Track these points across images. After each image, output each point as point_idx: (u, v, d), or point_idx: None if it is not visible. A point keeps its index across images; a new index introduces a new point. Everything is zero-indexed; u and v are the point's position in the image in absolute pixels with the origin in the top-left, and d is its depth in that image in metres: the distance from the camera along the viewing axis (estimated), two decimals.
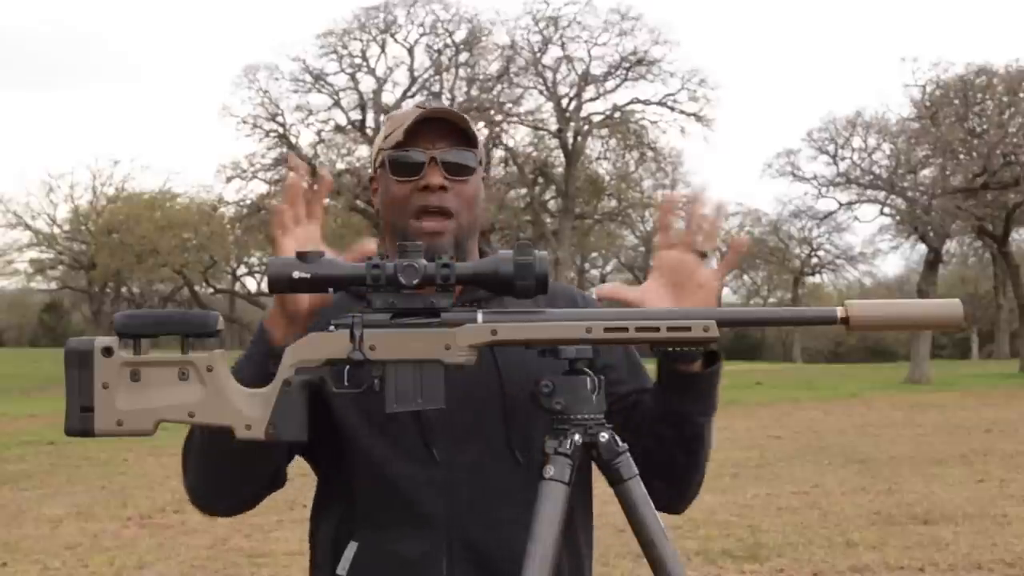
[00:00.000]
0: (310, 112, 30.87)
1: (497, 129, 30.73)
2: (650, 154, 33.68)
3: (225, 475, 1.62)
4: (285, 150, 31.07)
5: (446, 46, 30.77)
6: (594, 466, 1.57)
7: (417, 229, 1.68)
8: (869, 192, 31.21)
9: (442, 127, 1.71)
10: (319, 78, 30.70)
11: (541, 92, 31.71)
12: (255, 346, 1.54)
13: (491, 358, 1.65)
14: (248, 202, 32.29)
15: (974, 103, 29.20)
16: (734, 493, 8.85)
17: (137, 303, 44.06)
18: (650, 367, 1.74)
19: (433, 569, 1.62)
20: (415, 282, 1.41)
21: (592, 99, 32.21)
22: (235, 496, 1.68)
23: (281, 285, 1.42)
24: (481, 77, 30.89)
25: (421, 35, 30.81)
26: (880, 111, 35.12)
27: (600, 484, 1.60)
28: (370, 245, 1.48)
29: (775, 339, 52.65)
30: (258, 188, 32.15)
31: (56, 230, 42.68)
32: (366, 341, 1.41)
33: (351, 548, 1.65)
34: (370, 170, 1.84)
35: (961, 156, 28.07)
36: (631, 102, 32.21)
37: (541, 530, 1.44)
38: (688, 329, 1.45)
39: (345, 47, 30.71)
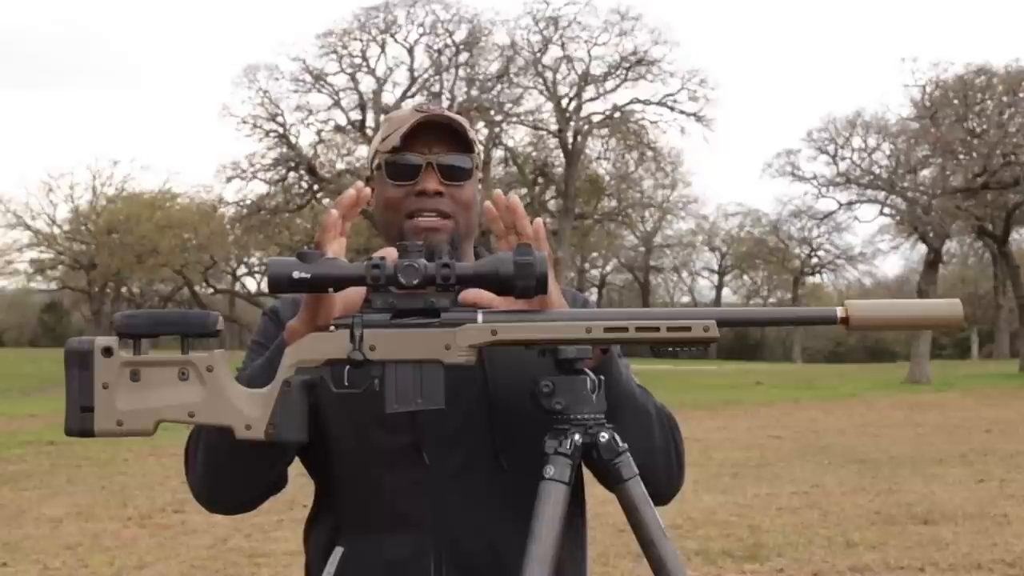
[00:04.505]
0: (310, 112, 30.89)
1: (497, 129, 30.74)
2: (650, 154, 33.68)
3: (229, 475, 1.62)
4: (285, 150, 31.09)
5: (446, 46, 30.77)
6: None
7: (413, 227, 1.68)
8: (869, 192, 31.20)
9: (439, 131, 1.70)
10: (319, 78, 30.70)
11: (541, 92, 31.72)
12: (274, 354, 1.54)
13: (479, 360, 1.64)
14: (248, 202, 32.30)
15: (974, 103, 29.19)
16: (734, 493, 8.86)
17: (137, 303, 44.05)
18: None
19: (420, 573, 1.62)
20: (415, 282, 1.41)
21: (592, 99, 32.22)
22: (239, 496, 1.68)
23: (281, 285, 1.42)
24: (481, 77, 30.89)
25: (421, 35, 30.83)
26: (880, 111, 35.20)
27: (600, 484, 1.60)
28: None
29: (775, 339, 52.65)
30: (258, 188, 32.22)
31: (56, 230, 42.65)
32: (366, 341, 1.41)
33: (336, 553, 1.65)
34: (368, 171, 1.84)
35: (961, 156, 28.06)
36: (631, 102, 32.21)
37: (541, 530, 1.44)
38: (688, 329, 1.45)
39: (345, 47, 30.72)
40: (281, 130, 31.06)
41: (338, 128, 31.29)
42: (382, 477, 1.64)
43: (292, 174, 31.62)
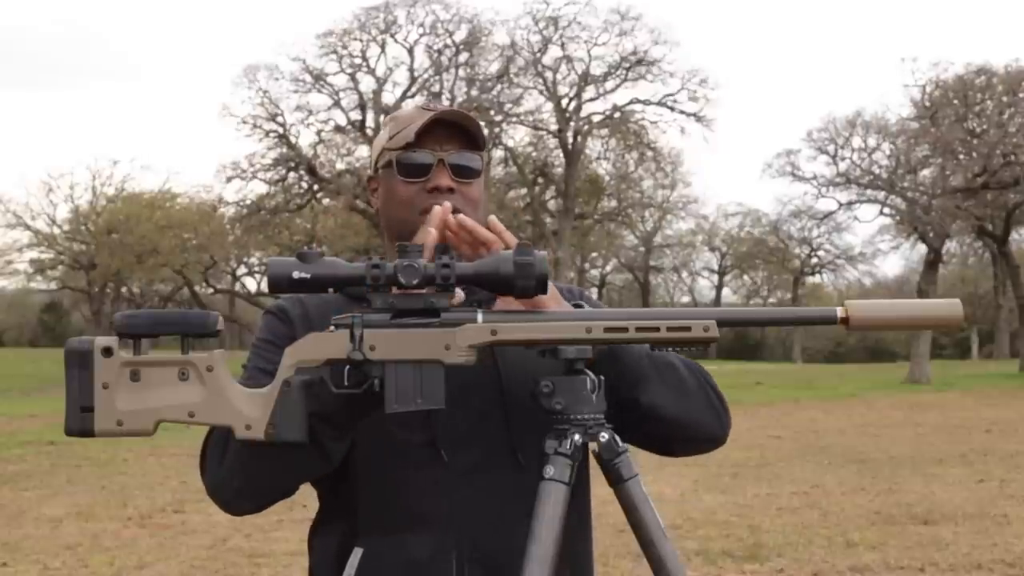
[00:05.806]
0: (310, 112, 30.89)
1: (497, 129, 30.75)
2: (650, 154, 33.70)
3: (263, 480, 1.59)
4: (285, 150, 31.09)
5: (446, 46, 30.79)
6: (594, 468, 1.58)
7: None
8: (869, 192, 31.19)
9: (450, 129, 1.70)
10: (319, 78, 30.70)
11: (541, 92, 31.74)
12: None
13: (491, 358, 1.64)
14: (248, 202, 32.30)
15: (974, 103, 29.18)
16: (734, 493, 8.86)
17: (137, 303, 44.04)
18: None
19: (442, 572, 1.61)
20: (415, 282, 1.41)
21: (592, 99, 32.25)
22: (262, 499, 1.65)
23: (281, 285, 1.41)
24: (481, 77, 30.91)
25: (421, 35, 30.85)
26: (880, 111, 35.21)
27: (600, 484, 1.60)
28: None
29: (775, 339, 52.65)
30: (258, 188, 32.23)
31: (56, 230, 42.65)
32: (366, 341, 1.41)
33: (356, 555, 1.63)
34: (370, 170, 1.83)
35: (961, 156, 28.05)
36: (631, 102, 32.23)
37: (541, 530, 1.44)
38: (688, 329, 1.45)
39: (345, 47, 30.73)
40: (281, 130, 31.07)
41: (338, 128, 31.30)
42: (401, 476, 1.63)
43: (292, 174, 31.63)
